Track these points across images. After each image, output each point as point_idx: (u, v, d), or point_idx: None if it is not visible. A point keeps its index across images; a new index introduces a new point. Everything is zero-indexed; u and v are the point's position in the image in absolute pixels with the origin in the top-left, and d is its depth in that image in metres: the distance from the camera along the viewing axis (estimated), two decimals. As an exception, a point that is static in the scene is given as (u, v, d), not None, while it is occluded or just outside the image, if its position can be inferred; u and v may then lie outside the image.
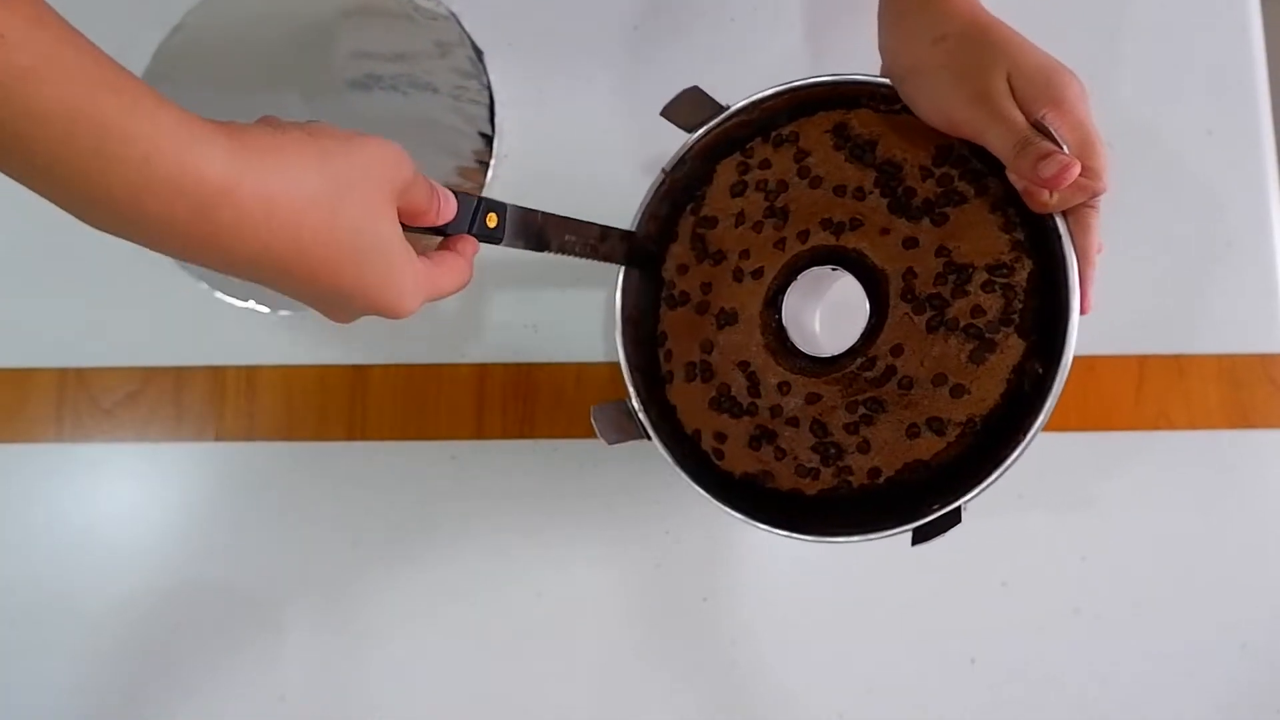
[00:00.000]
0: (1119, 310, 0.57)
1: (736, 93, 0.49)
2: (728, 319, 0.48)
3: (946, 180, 0.45)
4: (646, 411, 0.48)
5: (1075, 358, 0.58)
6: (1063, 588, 0.56)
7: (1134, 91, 0.59)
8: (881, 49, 0.47)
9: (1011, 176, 0.41)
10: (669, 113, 0.49)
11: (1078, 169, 0.39)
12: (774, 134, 0.49)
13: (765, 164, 0.49)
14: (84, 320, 0.61)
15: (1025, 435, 0.42)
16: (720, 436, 0.48)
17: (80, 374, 0.61)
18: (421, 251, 0.38)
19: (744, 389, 0.48)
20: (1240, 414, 0.56)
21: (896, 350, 0.45)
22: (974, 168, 0.45)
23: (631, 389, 0.48)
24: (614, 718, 0.57)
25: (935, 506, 0.42)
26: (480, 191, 0.60)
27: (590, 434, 0.58)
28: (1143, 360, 0.57)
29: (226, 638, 0.58)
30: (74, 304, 0.61)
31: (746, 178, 0.49)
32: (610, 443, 0.47)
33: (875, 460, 0.45)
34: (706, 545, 0.58)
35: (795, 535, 0.44)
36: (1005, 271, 0.43)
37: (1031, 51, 0.42)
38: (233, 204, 0.29)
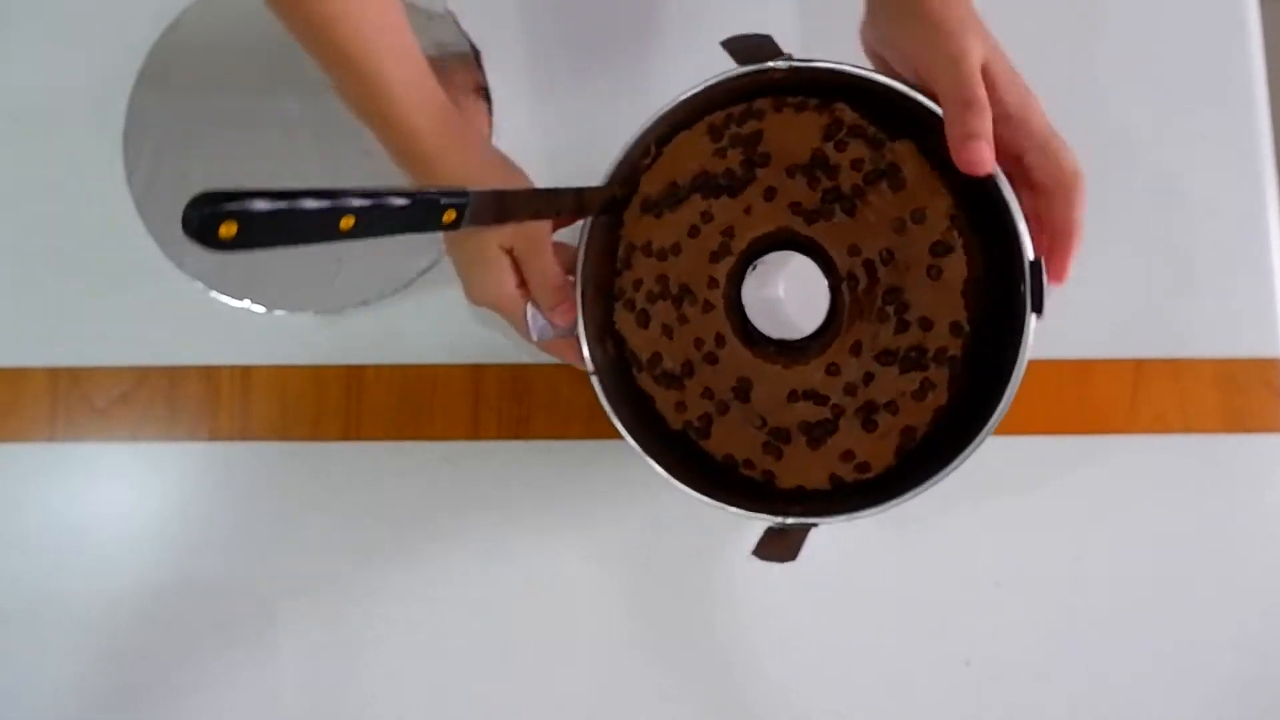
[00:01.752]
0: (1115, 314, 0.57)
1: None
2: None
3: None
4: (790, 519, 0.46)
5: (1069, 361, 0.58)
6: (1057, 589, 0.56)
7: (1131, 96, 0.59)
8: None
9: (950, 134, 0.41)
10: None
11: (990, 165, 0.40)
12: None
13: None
14: (78, 319, 0.61)
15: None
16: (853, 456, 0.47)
17: (74, 373, 0.60)
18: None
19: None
20: (1236, 418, 0.56)
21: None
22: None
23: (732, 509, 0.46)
24: (607, 716, 0.57)
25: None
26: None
27: (585, 435, 0.58)
28: (1139, 364, 0.57)
29: (220, 637, 0.58)
30: (68, 303, 0.61)
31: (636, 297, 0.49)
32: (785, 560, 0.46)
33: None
34: (699, 545, 0.58)
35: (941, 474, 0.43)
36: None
37: (1001, 55, 0.43)
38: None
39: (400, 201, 0.33)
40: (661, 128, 0.48)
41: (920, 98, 0.43)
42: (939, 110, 0.42)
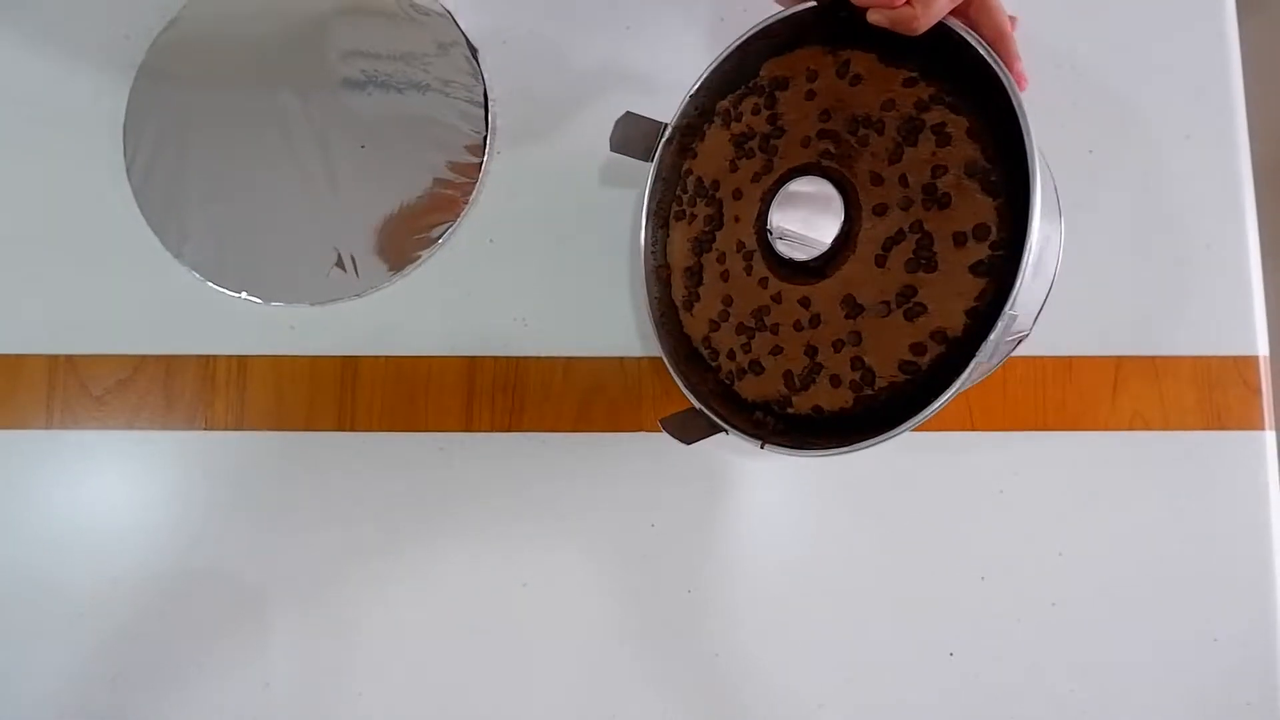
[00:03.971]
0: (1096, 311, 0.59)
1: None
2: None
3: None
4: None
5: (1051, 358, 0.59)
6: (1040, 582, 0.57)
7: (1113, 96, 0.60)
8: None
9: (872, 16, 0.43)
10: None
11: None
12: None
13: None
14: (75, 307, 0.62)
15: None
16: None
17: (71, 361, 0.61)
18: None
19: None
20: (1215, 415, 0.58)
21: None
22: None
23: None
24: (598, 707, 0.57)
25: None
26: (473, 191, 0.61)
27: (577, 427, 0.59)
28: (1119, 361, 0.58)
29: (213, 626, 0.59)
30: (66, 291, 0.62)
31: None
32: None
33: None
34: (691, 538, 0.58)
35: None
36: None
37: None
38: None
39: None
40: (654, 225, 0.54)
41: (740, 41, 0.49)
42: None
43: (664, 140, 0.53)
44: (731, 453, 0.59)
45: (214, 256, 0.61)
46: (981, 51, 0.42)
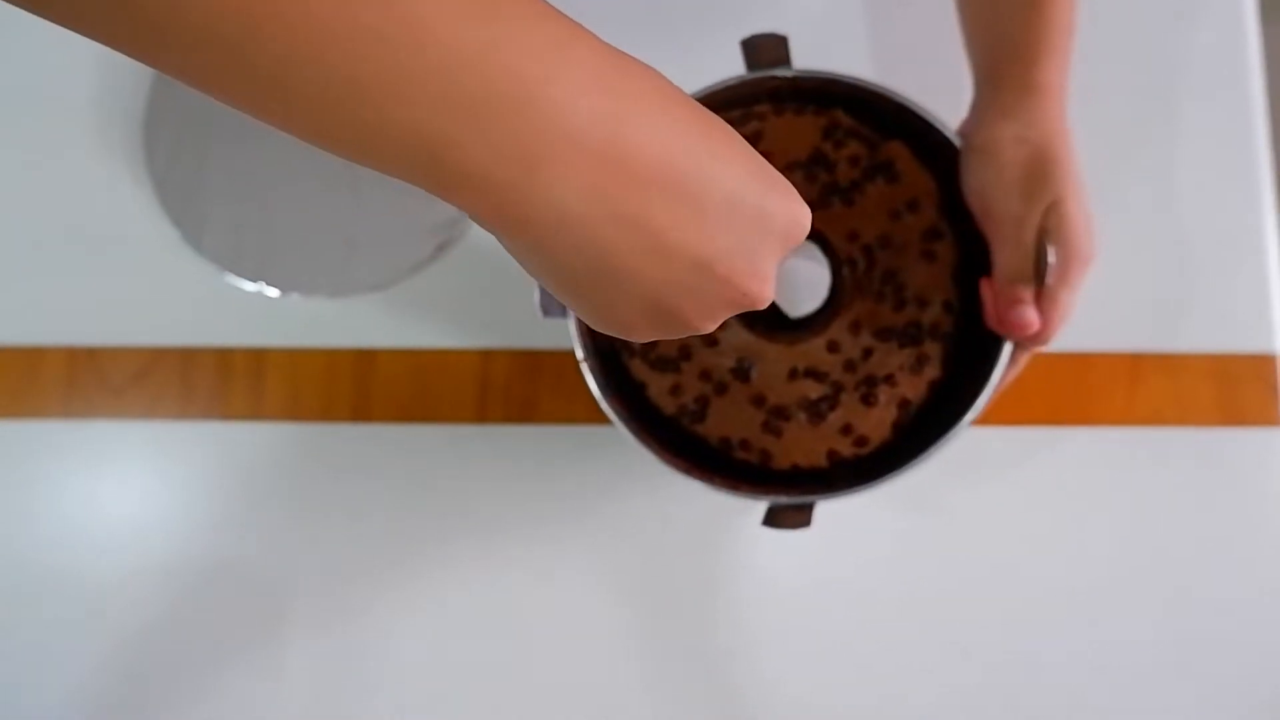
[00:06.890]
0: (1113, 307, 0.58)
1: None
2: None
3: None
4: None
5: (1067, 354, 0.59)
6: (1056, 580, 0.57)
7: (1130, 92, 0.60)
8: (976, 109, 0.48)
9: (984, 292, 0.46)
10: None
11: (1032, 332, 0.45)
12: None
13: None
14: (94, 299, 0.62)
15: None
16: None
17: (90, 352, 0.61)
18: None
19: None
20: (1232, 412, 0.57)
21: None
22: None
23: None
24: (607, 704, 0.57)
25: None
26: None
27: (589, 419, 0.59)
28: (1136, 358, 0.58)
29: (226, 617, 0.59)
30: (84, 283, 0.62)
31: None
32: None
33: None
34: (702, 534, 0.58)
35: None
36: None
37: (1077, 204, 0.45)
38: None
39: None
40: None
41: (911, 106, 0.46)
42: (930, 119, 0.46)
43: (784, 71, 0.47)
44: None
45: (232, 249, 0.62)
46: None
